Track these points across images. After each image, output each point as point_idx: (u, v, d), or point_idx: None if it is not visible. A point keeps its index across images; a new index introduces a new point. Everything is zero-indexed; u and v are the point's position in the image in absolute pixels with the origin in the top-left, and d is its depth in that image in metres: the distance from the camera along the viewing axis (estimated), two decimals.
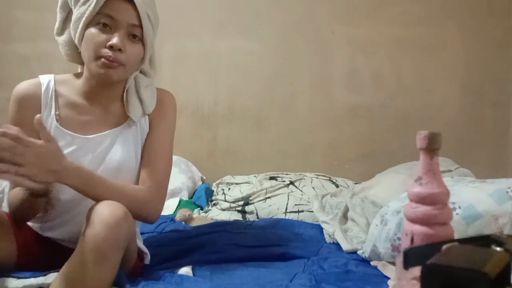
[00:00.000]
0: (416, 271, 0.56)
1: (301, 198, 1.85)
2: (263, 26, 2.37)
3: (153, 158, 1.12)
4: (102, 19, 1.01)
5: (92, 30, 1.02)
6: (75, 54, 1.11)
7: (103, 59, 1.01)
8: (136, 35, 1.05)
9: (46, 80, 1.10)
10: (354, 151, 2.36)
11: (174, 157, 2.23)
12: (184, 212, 1.66)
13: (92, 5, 1.00)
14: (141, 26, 1.05)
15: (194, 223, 1.64)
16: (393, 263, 1.19)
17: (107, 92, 1.11)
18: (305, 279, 1.11)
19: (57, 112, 1.08)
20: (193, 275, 1.14)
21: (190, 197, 2.08)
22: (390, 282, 1.07)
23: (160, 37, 2.35)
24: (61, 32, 1.11)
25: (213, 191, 2.13)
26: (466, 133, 2.30)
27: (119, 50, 1.01)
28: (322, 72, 2.36)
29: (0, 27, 2.43)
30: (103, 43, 1.01)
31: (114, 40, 1.00)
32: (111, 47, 1.00)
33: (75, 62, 1.14)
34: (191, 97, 2.40)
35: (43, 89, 1.09)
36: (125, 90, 1.13)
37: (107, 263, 0.90)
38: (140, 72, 1.19)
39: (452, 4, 2.29)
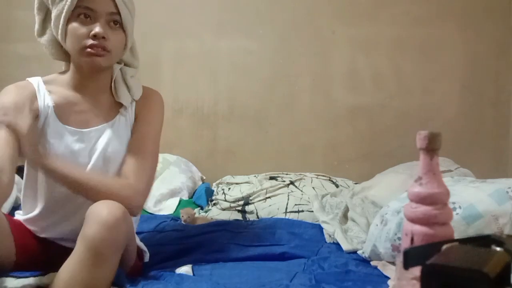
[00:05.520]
0: (416, 271, 0.56)
1: (301, 198, 1.84)
2: (263, 26, 2.37)
3: (139, 152, 1.11)
4: (81, 12, 1.04)
5: (74, 24, 1.04)
6: (60, 52, 1.14)
7: (89, 49, 1.04)
8: (117, 21, 1.08)
9: (34, 80, 1.13)
10: (354, 151, 2.36)
11: (174, 157, 2.24)
12: (188, 212, 1.65)
13: (70, 0, 1.02)
14: (119, 13, 1.07)
15: (197, 223, 1.63)
16: (393, 263, 1.19)
17: (96, 83, 1.14)
18: (305, 279, 1.12)
19: (53, 105, 1.10)
20: (193, 274, 1.15)
21: (190, 197, 2.08)
22: (390, 282, 1.07)
23: (160, 37, 2.39)
24: (42, 33, 1.13)
25: (213, 191, 2.13)
26: (466, 133, 2.30)
27: (103, 38, 1.04)
28: (322, 72, 2.36)
29: (0, 27, 2.43)
30: (86, 34, 1.04)
31: (97, 29, 1.03)
32: (94, 36, 1.04)
33: (60, 60, 1.17)
34: (191, 97, 2.40)
35: (35, 86, 1.11)
36: (113, 80, 1.16)
37: (105, 263, 0.90)
38: (124, 64, 1.22)
39: (452, 4, 2.29)
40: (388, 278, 1.12)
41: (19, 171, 1.37)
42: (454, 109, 2.32)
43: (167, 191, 2.00)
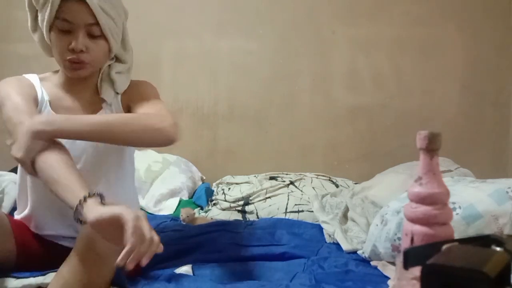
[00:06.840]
0: (416, 271, 0.56)
1: (301, 198, 1.84)
2: (263, 26, 2.36)
3: (151, 105, 1.13)
4: (60, 24, 1.04)
5: (55, 35, 1.06)
6: (51, 50, 1.15)
7: (69, 62, 1.06)
8: (95, 33, 1.07)
9: (31, 76, 1.16)
10: (354, 151, 2.36)
11: (174, 157, 2.23)
12: (188, 212, 1.64)
13: (48, 10, 1.02)
14: (98, 23, 1.06)
15: (197, 223, 1.63)
16: (393, 263, 1.19)
17: (82, 83, 1.16)
18: (305, 279, 1.12)
19: (49, 99, 1.12)
20: (193, 274, 1.15)
21: (190, 197, 2.08)
22: (390, 282, 1.07)
23: (160, 37, 2.39)
24: (34, 29, 1.14)
25: (213, 191, 2.13)
26: (466, 133, 2.30)
27: (81, 51, 1.05)
28: (322, 72, 2.36)
29: (0, 27, 2.43)
30: (65, 47, 1.05)
31: (73, 43, 1.04)
32: (73, 50, 1.04)
33: (52, 56, 1.17)
34: (191, 97, 2.40)
35: (33, 81, 1.14)
36: (100, 78, 1.18)
37: (104, 263, 0.90)
38: (117, 58, 1.21)
39: (452, 4, 2.29)
40: (388, 278, 1.12)
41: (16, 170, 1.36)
42: (454, 109, 2.32)
43: (167, 191, 2.00)
